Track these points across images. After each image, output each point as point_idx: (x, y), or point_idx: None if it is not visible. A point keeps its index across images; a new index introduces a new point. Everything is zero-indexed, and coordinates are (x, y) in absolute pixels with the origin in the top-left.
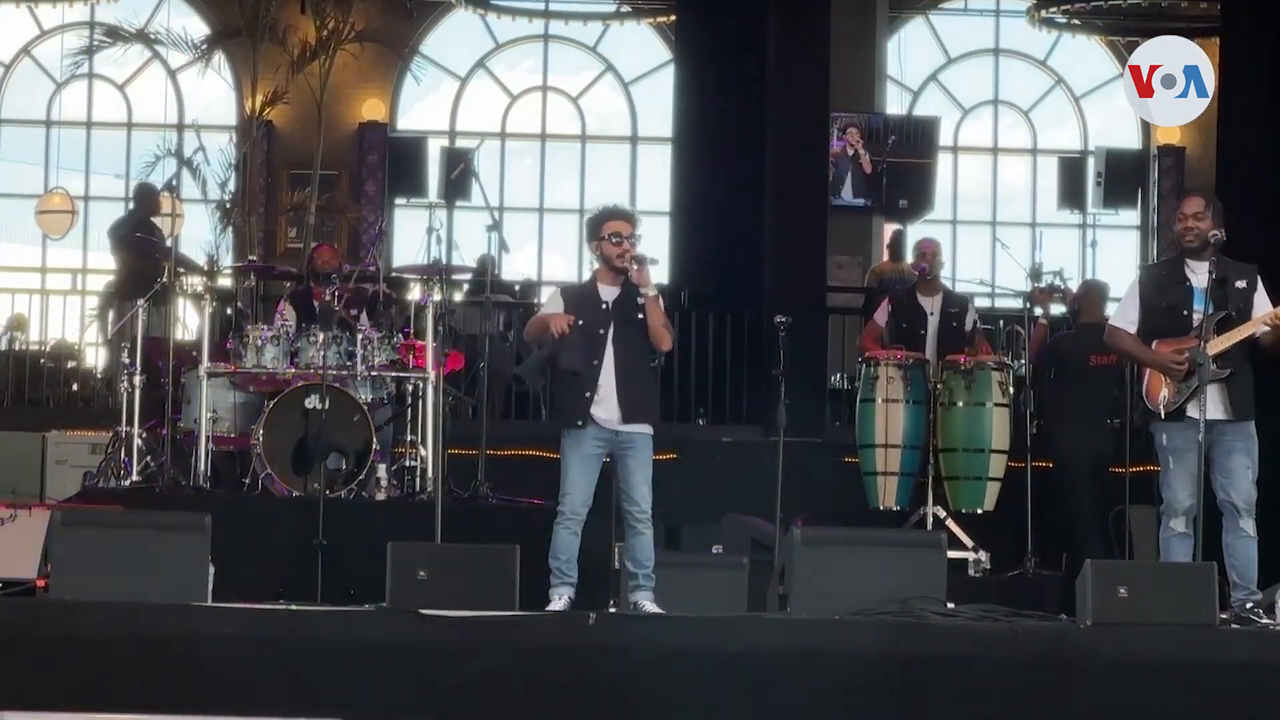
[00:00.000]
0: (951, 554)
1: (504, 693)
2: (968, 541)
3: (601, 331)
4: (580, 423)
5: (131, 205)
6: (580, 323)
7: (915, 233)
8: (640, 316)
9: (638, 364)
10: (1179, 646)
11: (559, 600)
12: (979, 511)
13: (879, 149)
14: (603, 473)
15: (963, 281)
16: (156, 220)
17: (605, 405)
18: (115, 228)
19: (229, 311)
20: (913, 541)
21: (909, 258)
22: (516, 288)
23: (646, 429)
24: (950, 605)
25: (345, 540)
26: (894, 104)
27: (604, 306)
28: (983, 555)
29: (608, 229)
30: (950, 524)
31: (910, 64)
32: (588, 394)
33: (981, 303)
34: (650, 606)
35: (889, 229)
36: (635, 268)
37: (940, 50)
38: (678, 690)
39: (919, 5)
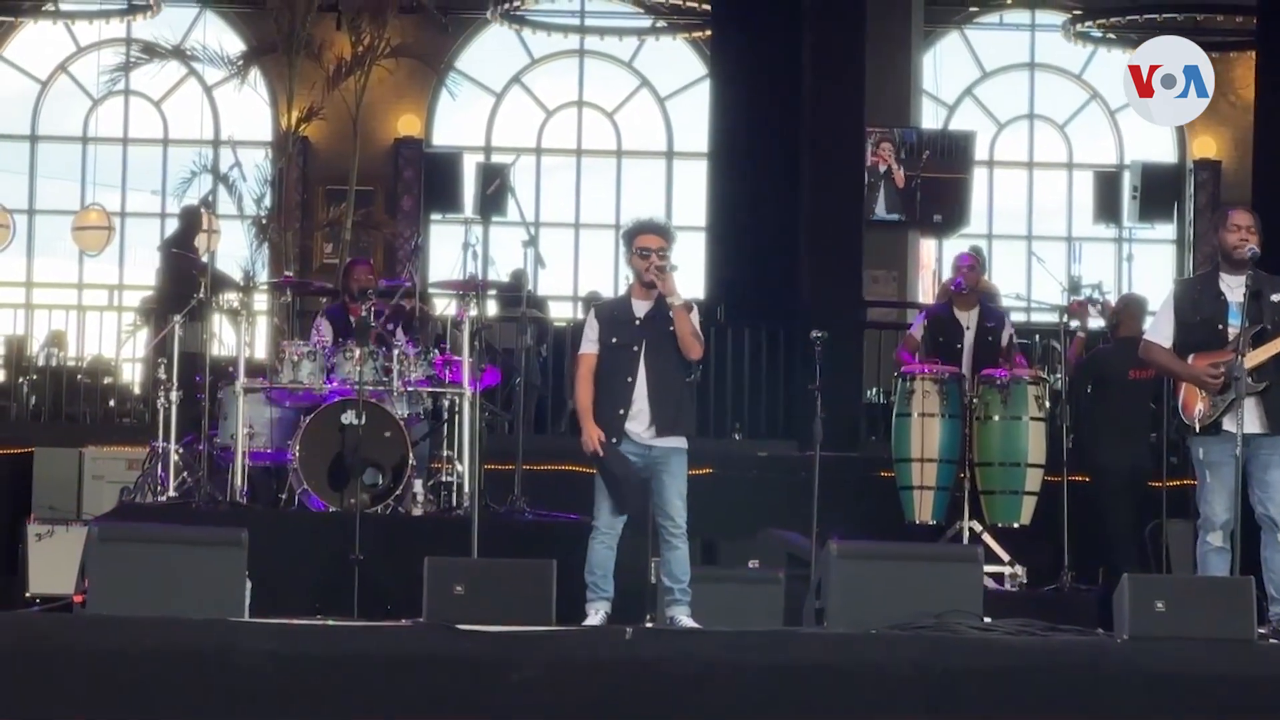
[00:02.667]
0: (988, 568)
1: (541, 708)
2: (1004, 556)
3: (635, 348)
4: (614, 440)
5: (178, 223)
6: (614, 340)
7: (952, 248)
8: (673, 329)
9: (672, 378)
10: (1216, 661)
11: (595, 615)
12: (1015, 526)
13: (914, 164)
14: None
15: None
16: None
17: (639, 420)
18: (161, 244)
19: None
20: (949, 556)
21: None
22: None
23: (681, 443)
24: (987, 620)
25: (382, 555)
26: (929, 119)
27: (636, 322)
28: (1019, 569)
29: (638, 243)
30: (986, 538)
31: (945, 78)
32: (621, 411)
33: (1017, 317)
34: (687, 621)
35: (925, 244)
36: (660, 280)
37: (975, 64)
38: (714, 705)
39: (954, 20)
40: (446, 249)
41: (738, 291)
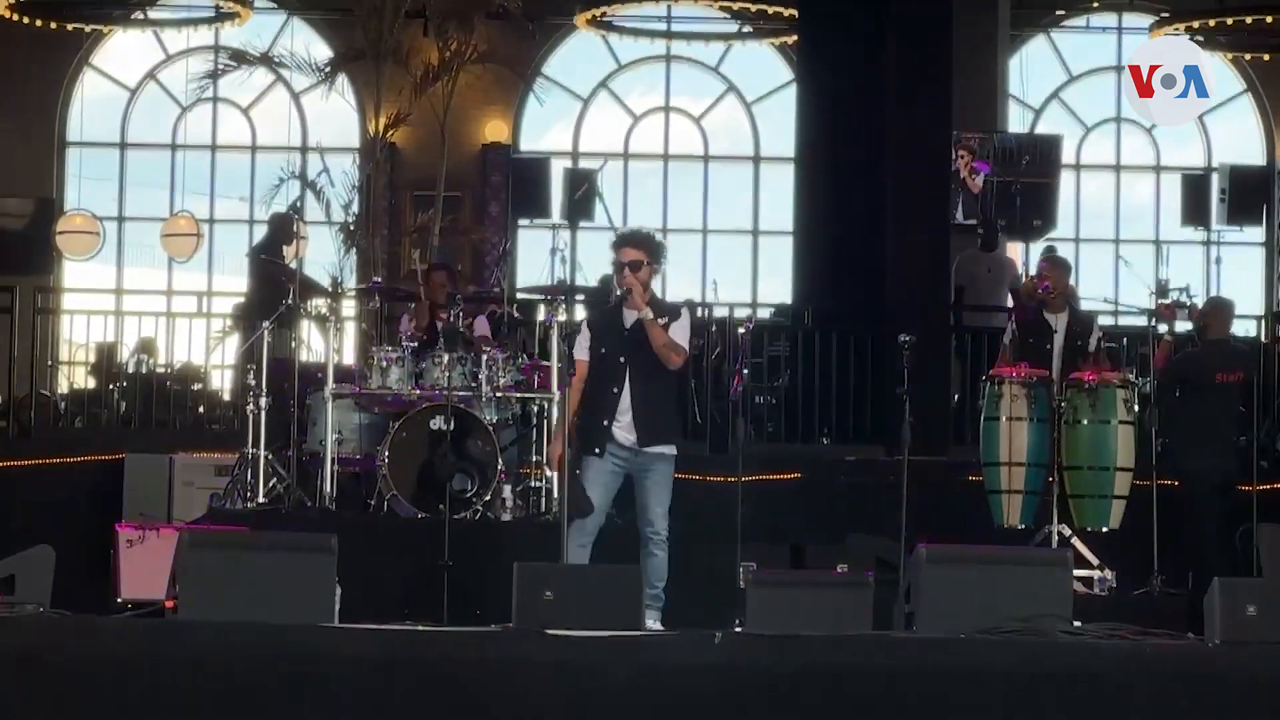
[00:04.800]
0: (1077, 572)
1: (630, 712)
2: (1094, 560)
3: (622, 359)
4: (598, 450)
5: (266, 230)
6: (603, 350)
7: (1037, 251)
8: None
9: (658, 388)
10: None
11: None
12: (1104, 529)
13: (1010, 168)
14: (721, 492)
15: (1086, 299)
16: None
17: (625, 428)
18: (250, 251)
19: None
20: (1038, 560)
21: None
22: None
23: (667, 449)
24: (1077, 624)
25: (471, 561)
26: (1016, 122)
27: (624, 333)
28: (1109, 573)
29: (616, 256)
30: (1076, 542)
31: (1032, 82)
32: (605, 421)
33: (1105, 321)
34: (654, 625)
35: (1012, 248)
36: (631, 294)
37: (1062, 68)
38: (803, 710)
39: (1041, 23)
40: (534, 254)
41: (825, 295)
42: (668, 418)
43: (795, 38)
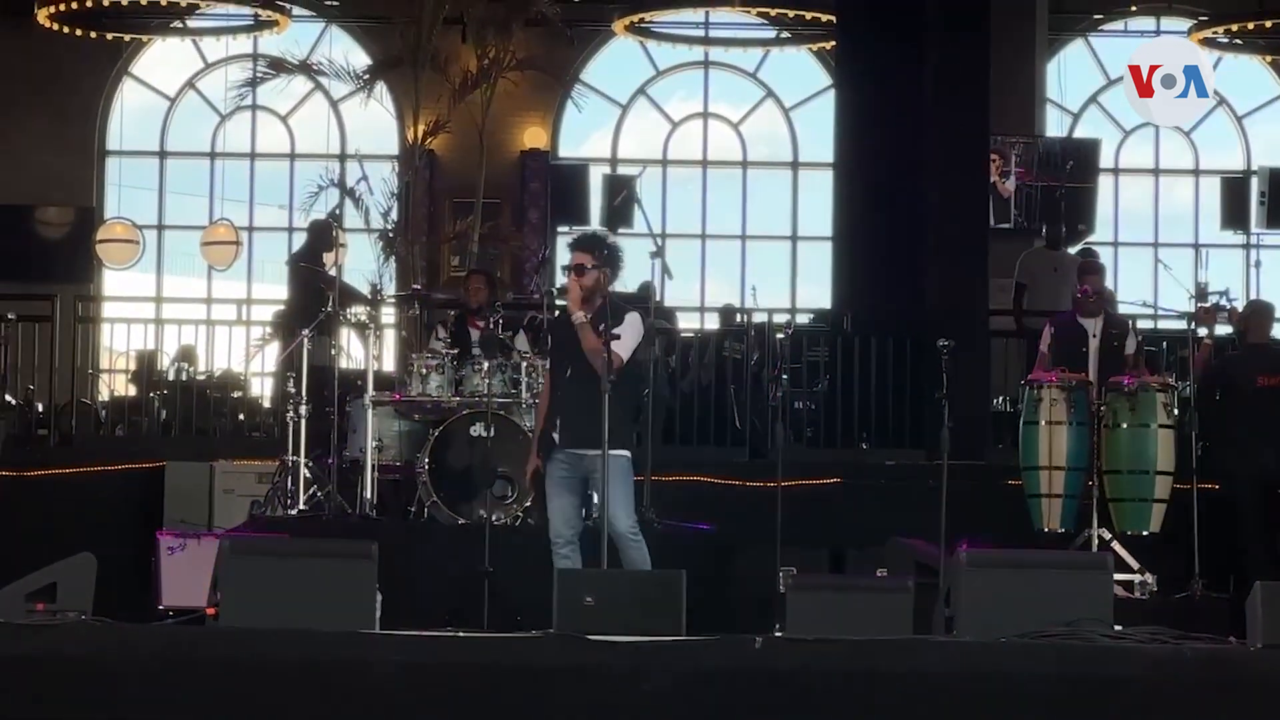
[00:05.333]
0: (1118, 576)
1: (670, 717)
2: (1134, 563)
3: (564, 362)
4: (548, 455)
5: (306, 237)
6: (555, 354)
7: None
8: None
9: (592, 391)
10: None
11: None
12: (1145, 533)
13: (1051, 173)
14: (760, 497)
15: (1125, 303)
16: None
17: (569, 430)
18: (289, 259)
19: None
20: (1079, 564)
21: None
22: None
23: (614, 452)
24: (1118, 628)
25: (511, 567)
26: (1054, 127)
27: (567, 338)
28: (1149, 577)
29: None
30: (1116, 546)
31: (1070, 86)
32: (556, 422)
33: (1144, 324)
34: None
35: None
36: (570, 296)
37: (1100, 72)
38: (844, 714)
39: (1079, 27)
40: None
41: (864, 300)
42: (612, 418)
43: (834, 43)
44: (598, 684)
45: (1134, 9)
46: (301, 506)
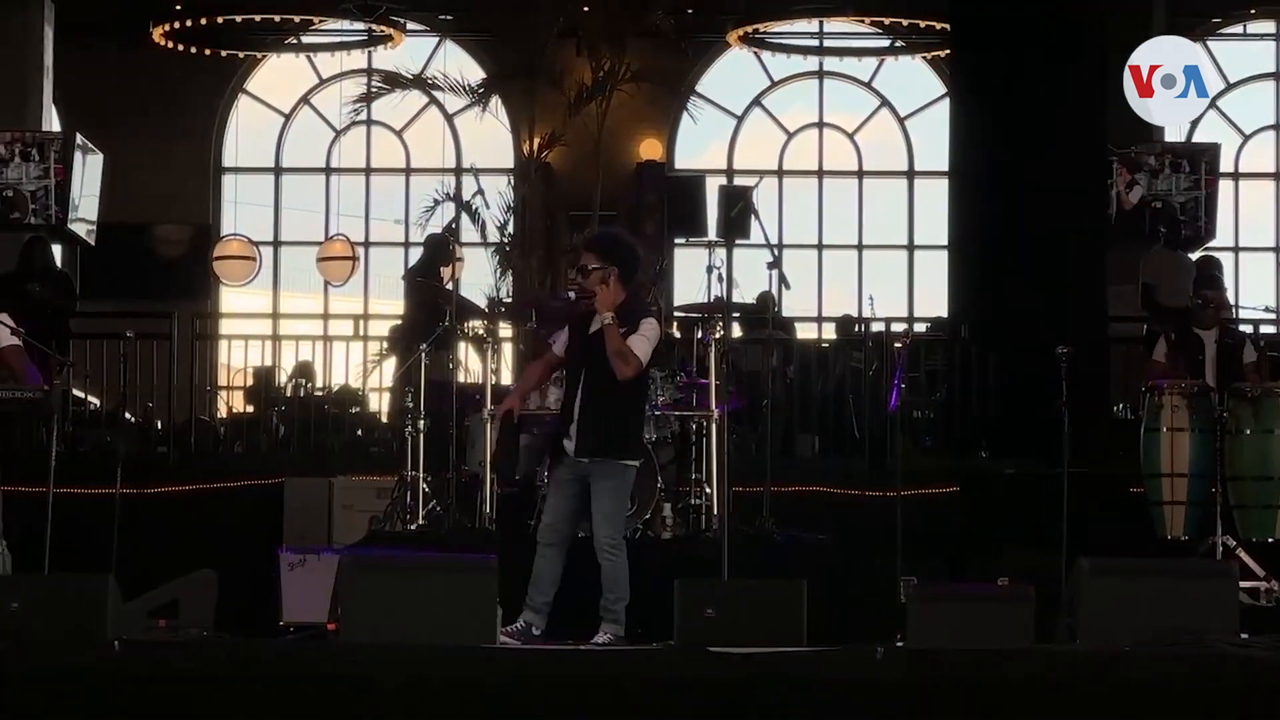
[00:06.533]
0: (1243, 584)
1: None
2: (1259, 571)
3: (578, 365)
4: (554, 458)
5: (422, 252)
6: (572, 353)
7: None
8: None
9: (608, 398)
10: None
11: (517, 626)
12: (1270, 540)
13: (1171, 177)
14: (880, 506)
15: (1245, 308)
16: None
17: (570, 435)
18: (406, 273)
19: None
20: (1202, 571)
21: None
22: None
23: (604, 461)
24: (1244, 635)
25: (632, 578)
26: (1173, 131)
27: (585, 340)
28: (1275, 585)
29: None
30: (1240, 553)
31: None
32: (566, 426)
33: (1266, 329)
34: (600, 637)
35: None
36: (586, 298)
37: (1220, 75)
38: None
39: (1197, 31)
40: (691, 272)
41: (982, 308)
42: (611, 428)
43: (947, 52)
44: (719, 696)
45: (1253, 12)
46: (421, 521)
